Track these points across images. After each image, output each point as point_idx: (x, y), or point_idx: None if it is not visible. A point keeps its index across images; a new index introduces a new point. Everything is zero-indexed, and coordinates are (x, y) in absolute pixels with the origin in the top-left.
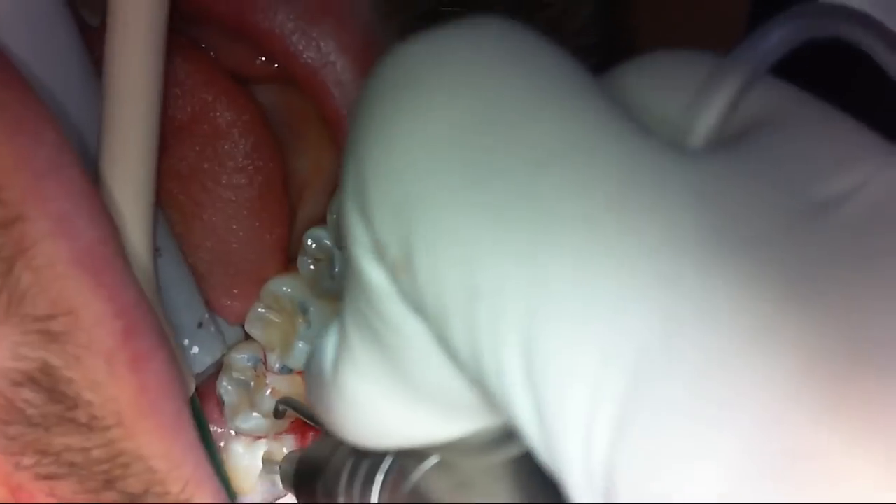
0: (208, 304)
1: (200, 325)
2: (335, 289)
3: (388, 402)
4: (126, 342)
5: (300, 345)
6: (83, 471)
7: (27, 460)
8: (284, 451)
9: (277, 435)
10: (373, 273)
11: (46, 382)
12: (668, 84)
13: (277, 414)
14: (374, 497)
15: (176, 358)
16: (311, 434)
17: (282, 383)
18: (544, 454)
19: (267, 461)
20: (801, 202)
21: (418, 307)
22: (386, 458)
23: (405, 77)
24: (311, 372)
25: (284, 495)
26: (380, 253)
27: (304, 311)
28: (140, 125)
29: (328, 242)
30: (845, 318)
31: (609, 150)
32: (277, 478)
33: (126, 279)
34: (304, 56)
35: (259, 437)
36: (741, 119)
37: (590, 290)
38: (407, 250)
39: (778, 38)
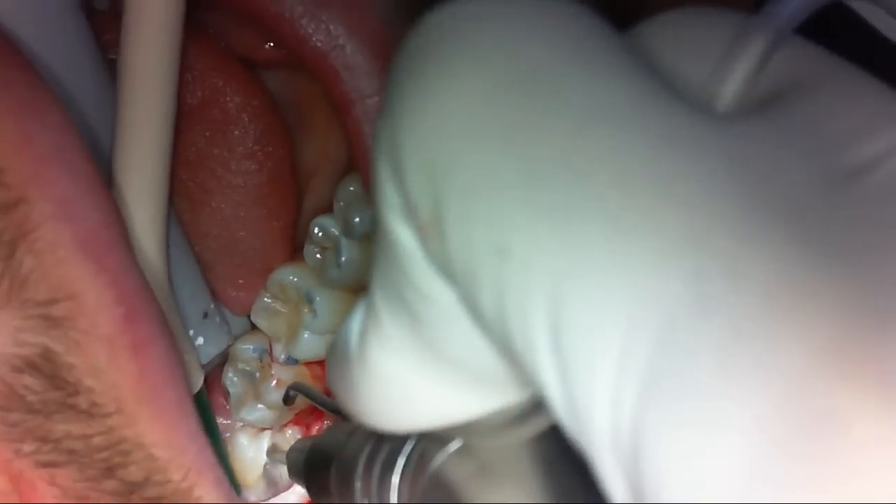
0: (214, 295)
1: (206, 315)
2: (342, 278)
3: (414, 376)
4: (126, 328)
5: (306, 335)
6: (84, 458)
7: (27, 447)
8: (291, 441)
9: (282, 426)
10: (402, 234)
11: (47, 368)
12: (693, 43)
13: (287, 400)
14: (395, 483)
15: (177, 346)
16: (316, 426)
17: (287, 374)
18: (568, 420)
19: (272, 452)
20: (832, 169)
21: (446, 269)
22: (406, 443)
23: (443, 37)
24: (335, 352)
25: (288, 488)
26: (410, 213)
27: (310, 300)
28: (155, 112)
29: (335, 231)
30: (874, 286)
31: (644, 113)
32: (282, 470)
33: (128, 265)
34: (313, 40)
35: (264, 429)
36: (770, 79)
37: (620, 252)
38: (438, 210)
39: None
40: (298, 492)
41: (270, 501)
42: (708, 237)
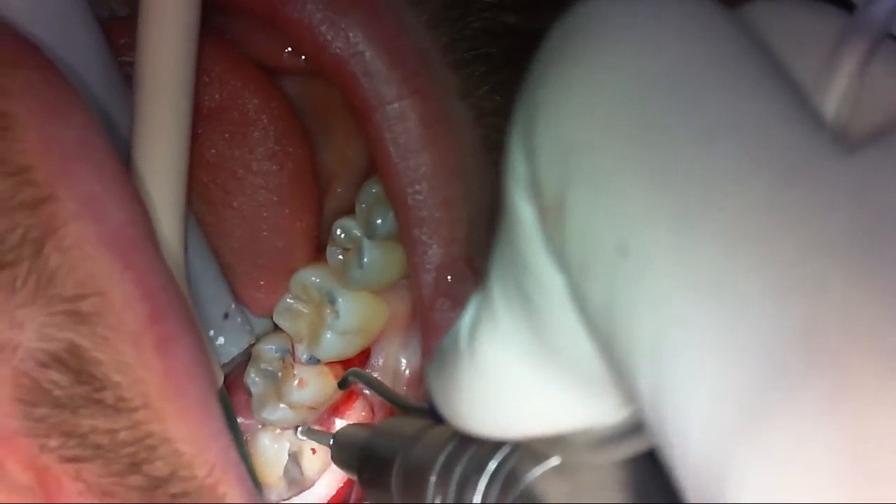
0: (235, 296)
1: (226, 315)
2: (364, 279)
3: (522, 371)
4: (153, 325)
5: (328, 335)
6: (109, 453)
7: (53, 442)
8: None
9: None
10: (524, 210)
11: (74, 363)
12: (798, 40)
13: (343, 384)
14: (481, 488)
15: (203, 342)
16: (337, 425)
17: (310, 374)
18: (658, 435)
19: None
20: None
21: (561, 255)
22: (499, 451)
23: (596, 26)
24: (441, 354)
25: (310, 487)
26: (536, 191)
27: (333, 301)
28: (173, 114)
29: (357, 232)
30: None
31: (777, 135)
32: (304, 469)
33: (154, 262)
34: (333, 47)
35: (286, 429)
36: (879, 95)
37: (736, 279)
38: (563, 193)
39: None
40: (318, 492)
41: (291, 501)
42: (825, 281)
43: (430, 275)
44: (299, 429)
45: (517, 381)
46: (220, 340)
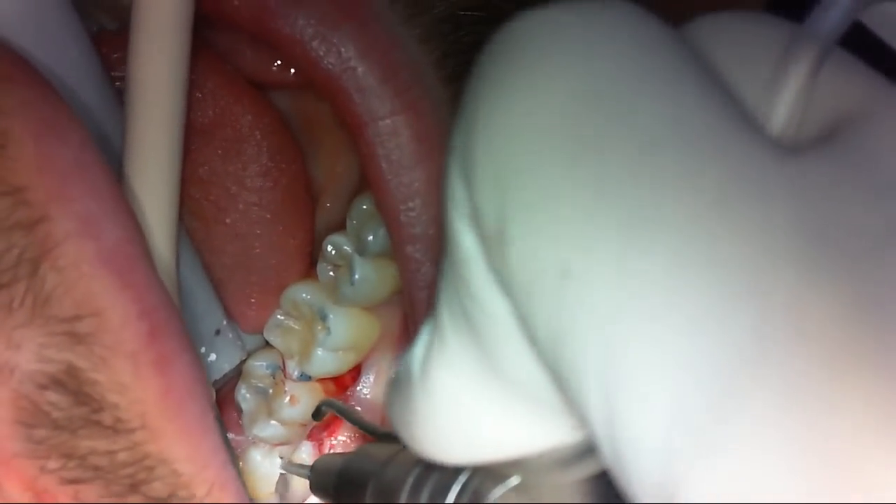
0: (227, 312)
1: (218, 332)
2: (355, 296)
3: (475, 399)
4: (151, 343)
5: (319, 352)
6: (109, 474)
7: (52, 464)
8: (304, 458)
9: (296, 443)
10: (466, 238)
11: (72, 385)
12: (747, 53)
13: (317, 415)
14: None
15: (200, 360)
16: (327, 442)
17: (301, 391)
18: (611, 459)
19: (287, 466)
20: (893, 213)
21: (504, 281)
22: (460, 476)
23: (523, 49)
24: (397, 381)
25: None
26: (476, 218)
27: (324, 317)
28: (165, 129)
29: (348, 249)
30: None
31: (716, 143)
32: (295, 485)
33: (151, 280)
34: (325, 62)
35: (277, 445)
36: (824, 101)
37: (682, 294)
38: (503, 220)
39: (847, 4)
40: None
41: None
42: (772, 289)
43: (424, 292)
44: (280, 462)
45: (469, 409)
46: (212, 357)
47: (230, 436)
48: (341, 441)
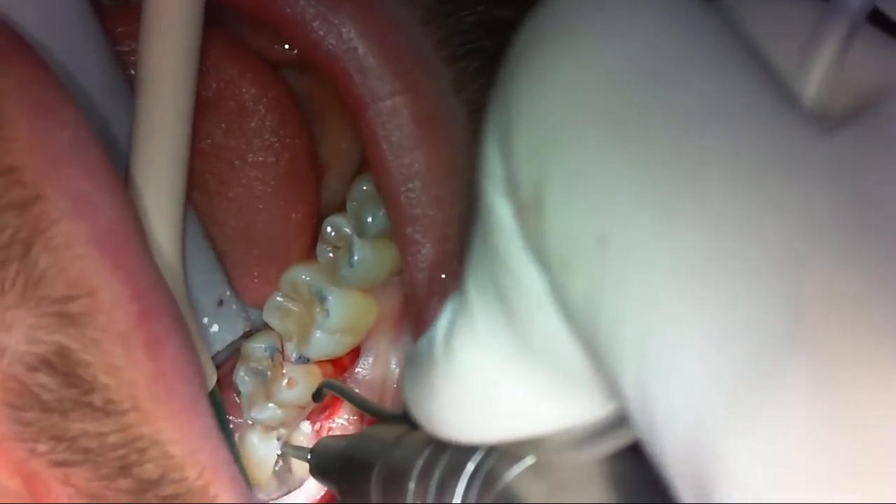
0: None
1: (221, 303)
2: (354, 277)
3: (500, 374)
4: (142, 325)
5: (318, 334)
6: (99, 457)
7: (42, 447)
8: (303, 440)
9: (294, 426)
10: (501, 209)
11: (62, 366)
12: (776, 26)
13: (318, 396)
14: (460, 491)
15: (192, 342)
16: (326, 424)
17: (299, 373)
18: (643, 431)
19: (285, 447)
20: None
21: (541, 252)
22: (474, 456)
23: (568, 19)
24: (415, 361)
25: (299, 486)
26: (512, 189)
27: (323, 299)
28: (173, 106)
29: (347, 230)
30: None
31: (756, 119)
32: (293, 468)
33: (144, 261)
34: (326, 43)
35: (275, 428)
36: (855, 75)
37: (720, 262)
38: (540, 188)
39: None
40: (308, 491)
41: (280, 500)
42: (808, 261)
43: (424, 274)
44: (279, 442)
45: (495, 386)
46: (215, 328)
47: (229, 418)
48: (340, 424)
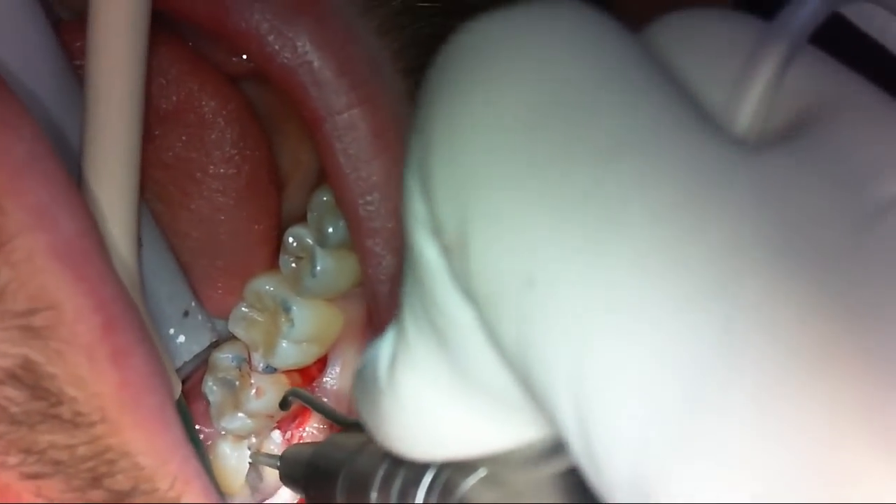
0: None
1: (186, 313)
2: (317, 287)
3: (444, 403)
4: (106, 337)
5: (284, 344)
6: (69, 469)
7: (12, 459)
8: (273, 448)
9: (264, 435)
10: (428, 250)
11: (28, 379)
12: (711, 53)
13: (284, 405)
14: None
15: (158, 353)
16: (297, 432)
17: (266, 383)
18: (585, 463)
19: (255, 456)
20: (857, 208)
21: (469, 291)
22: (429, 470)
23: (479, 55)
24: (364, 380)
25: (273, 494)
26: (436, 229)
27: (287, 309)
28: (123, 116)
29: (309, 241)
30: None
31: (677, 145)
32: (265, 475)
33: (106, 272)
34: (281, 56)
35: (245, 437)
36: (790, 97)
37: (649, 295)
38: (463, 230)
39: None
40: (281, 498)
41: None
42: (738, 286)
43: (385, 286)
44: (250, 452)
45: (438, 412)
46: (181, 339)
47: (198, 428)
48: (310, 432)
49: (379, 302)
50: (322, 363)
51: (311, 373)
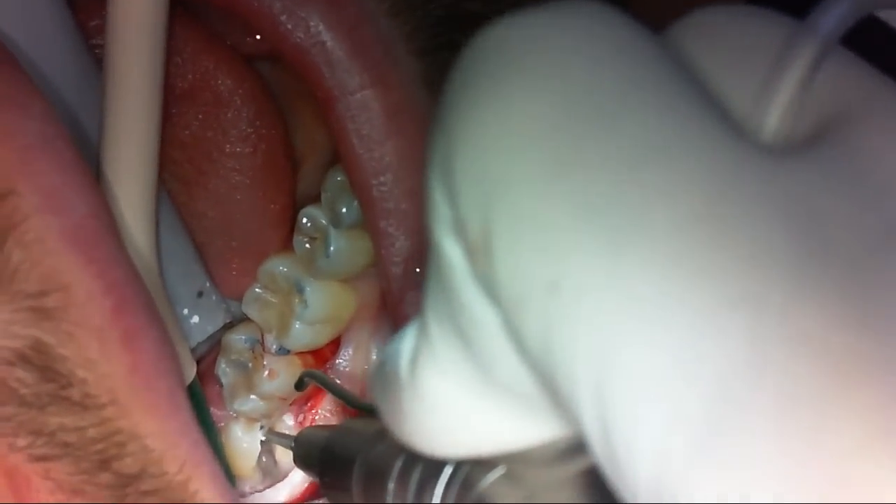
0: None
1: (201, 294)
2: (331, 268)
3: (466, 401)
4: (116, 319)
5: (297, 325)
6: (78, 451)
7: (21, 441)
8: (285, 432)
9: (276, 417)
10: (451, 251)
11: (39, 360)
12: (737, 55)
13: (300, 385)
14: (439, 495)
15: (168, 335)
16: (309, 415)
17: (280, 364)
18: (607, 466)
19: (268, 437)
20: (888, 217)
21: (492, 292)
22: (447, 466)
23: (504, 56)
24: (384, 376)
25: (283, 478)
26: (460, 230)
27: (301, 290)
28: (142, 97)
29: (323, 221)
30: None
31: (703, 152)
32: (277, 459)
33: (117, 254)
34: (294, 36)
35: (258, 419)
36: (818, 101)
37: (674, 301)
38: (488, 232)
39: (850, 3)
40: (292, 483)
41: (263, 493)
42: (765, 293)
43: (399, 267)
44: (262, 431)
45: (460, 410)
46: (195, 319)
47: (211, 410)
48: (323, 415)
49: (392, 284)
50: (335, 345)
51: (324, 354)
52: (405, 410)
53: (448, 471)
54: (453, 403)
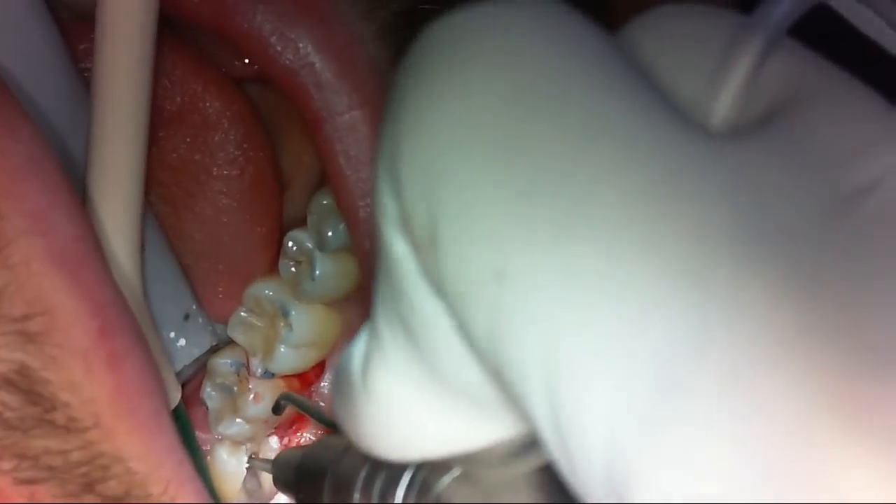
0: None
1: (187, 316)
2: (316, 292)
3: (417, 402)
4: (102, 341)
5: (282, 349)
6: (63, 474)
7: (6, 464)
8: (270, 455)
9: (261, 440)
10: (398, 247)
11: (23, 384)
12: (686, 49)
13: (277, 409)
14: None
15: (153, 358)
16: (294, 438)
17: (265, 388)
18: (559, 456)
19: (253, 461)
20: (829, 193)
21: (439, 287)
22: (407, 470)
23: (449, 50)
24: (339, 380)
25: (269, 499)
26: (406, 225)
27: (286, 314)
28: (130, 120)
29: (309, 245)
30: (871, 331)
31: (644, 132)
32: (262, 481)
33: (102, 277)
34: (283, 58)
35: (243, 442)
36: (765, 89)
37: (620, 283)
38: (433, 227)
39: None
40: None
41: None
42: (709, 272)
43: None
44: (246, 458)
45: (412, 412)
46: (181, 342)
47: (196, 433)
48: (307, 437)
49: None
50: (320, 368)
51: (309, 378)
52: (360, 415)
53: (407, 475)
54: (405, 406)
